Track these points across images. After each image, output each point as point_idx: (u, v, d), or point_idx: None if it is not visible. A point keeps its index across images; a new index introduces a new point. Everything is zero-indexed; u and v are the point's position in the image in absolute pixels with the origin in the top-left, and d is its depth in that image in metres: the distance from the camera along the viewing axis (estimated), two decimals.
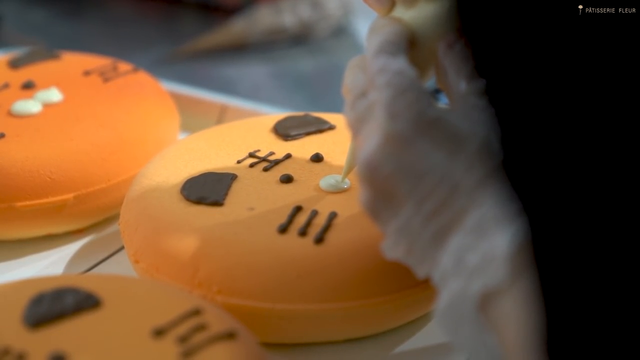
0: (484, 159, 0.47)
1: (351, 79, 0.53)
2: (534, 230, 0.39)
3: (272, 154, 0.65)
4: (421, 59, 0.54)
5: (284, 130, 0.67)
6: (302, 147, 0.65)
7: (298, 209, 0.59)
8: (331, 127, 0.68)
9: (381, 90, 0.49)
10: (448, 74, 0.53)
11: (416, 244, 0.49)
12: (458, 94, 0.52)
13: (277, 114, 0.71)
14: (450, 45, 0.53)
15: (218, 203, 0.60)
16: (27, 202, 0.66)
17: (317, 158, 0.64)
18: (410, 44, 0.53)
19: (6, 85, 0.75)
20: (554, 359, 0.38)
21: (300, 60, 1.08)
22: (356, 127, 0.51)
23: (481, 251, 0.45)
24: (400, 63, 0.50)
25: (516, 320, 0.43)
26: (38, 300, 0.52)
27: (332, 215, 0.58)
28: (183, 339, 0.50)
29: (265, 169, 0.63)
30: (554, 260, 0.38)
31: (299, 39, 1.10)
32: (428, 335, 0.59)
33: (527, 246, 0.40)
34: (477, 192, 0.46)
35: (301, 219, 0.58)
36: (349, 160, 0.60)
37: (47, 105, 0.72)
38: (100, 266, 0.66)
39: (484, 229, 0.46)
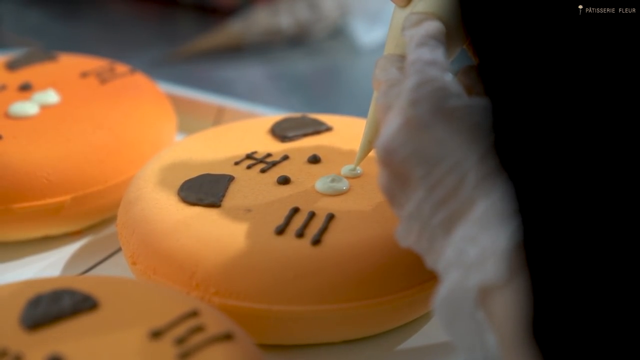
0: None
1: (383, 73, 0.54)
2: (526, 231, 0.39)
3: (269, 155, 0.65)
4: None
5: (281, 132, 0.67)
6: (300, 149, 0.65)
7: (295, 211, 0.59)
8: (328, 129, 0.68)
9: (409, 78, 0.50)
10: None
11: (425, 231, 0.49)
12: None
13: (275, 116, 0.71)
14: (472, 68, 0.54)
15: (215, 204, 0.60)
16: (25, 204, 0.66)
17: (314, 159, 0.64)
18: None
19: (3, 87, 0.75)
20: (545, 357, 0.38)
21: (297, 61, 1.08)
22: (384, 113, 0.52)
23: (481, 245, 0.46)
24: (435, 55, 0.51)
25: (511, 317, 0.43)
26: (35, 302, 0.52)
27: (330, 217, 0.58)
28: (180, 341, 0.50)
29: (263, 171, 0.63)
30: (543, 261, 0.38)
31: (296, 40, 1.10)
32: (425, 337, 0.59)
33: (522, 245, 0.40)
34: (485, 184, 0.47)
35: (298, 221, 0.58)
36: (363, 144, 0.60)
37: (45, 107, 0.72)
38: (98, 268, 0.66)
39: (487, 222, 0.46)
